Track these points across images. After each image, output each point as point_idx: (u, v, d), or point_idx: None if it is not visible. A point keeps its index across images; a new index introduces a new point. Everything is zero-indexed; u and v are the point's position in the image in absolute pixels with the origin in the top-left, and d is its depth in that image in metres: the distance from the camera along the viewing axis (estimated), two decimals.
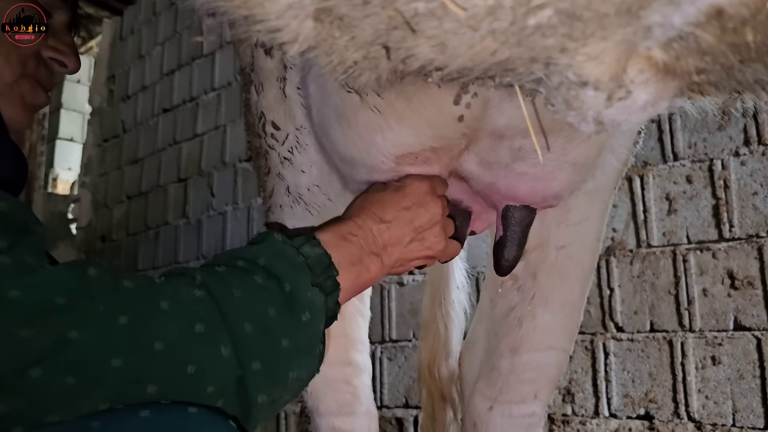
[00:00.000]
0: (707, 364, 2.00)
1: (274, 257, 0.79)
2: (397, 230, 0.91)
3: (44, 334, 0.59)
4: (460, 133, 0.89)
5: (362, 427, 1.25)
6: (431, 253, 0.96)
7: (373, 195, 0.95)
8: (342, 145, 0.95)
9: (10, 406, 0.58)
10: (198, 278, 0.72)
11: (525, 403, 1.20)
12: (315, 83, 0.96)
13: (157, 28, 4.49)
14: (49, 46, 1.05)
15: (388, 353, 2.79)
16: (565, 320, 1.20)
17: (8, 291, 0.59)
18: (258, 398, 0.71)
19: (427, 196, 0.94)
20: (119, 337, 0.62)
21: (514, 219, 1.02)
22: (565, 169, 0.96)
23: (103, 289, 0.65)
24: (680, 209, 2.12)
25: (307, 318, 0.76)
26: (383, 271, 0.91)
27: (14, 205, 0.69)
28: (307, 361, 0.78)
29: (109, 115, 4.88)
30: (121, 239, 4.48)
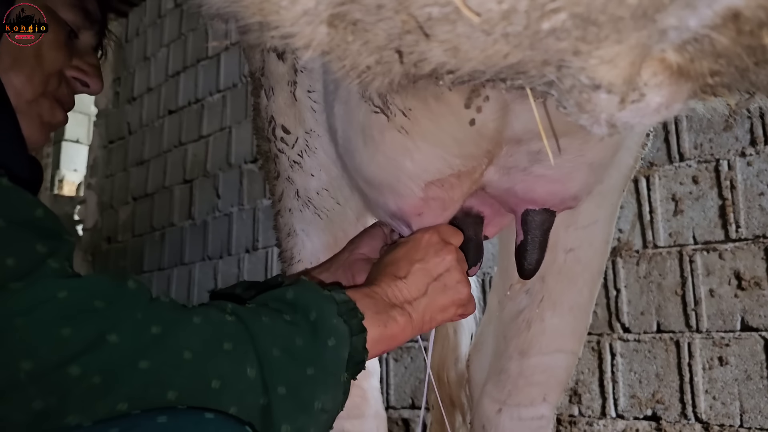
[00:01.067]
0: (714, 365, 2.00)
1: (302, 290, 0.81)
2: (414, 282, 0.92)
3: (83, 334, 0.61)
4: (484, 150, 0.89)
5: (371, 429, 1.25)
6: (458, 299, 0.95)
7: (385, 258, 0.96)
8: (368, 168, 0.95)
9: (44, 403, 0.59)
10: (229, 307, 0.74)
11: (534, 406, 1.20)
12: (341, 105, 0.96)
13: (162, 30, 4.50)
14: (73, 65, 1.04)
15: (394, 354, 2.79)
16: (574, 323, 1.19)
17: (58, 291, 0.62)
18: (282, 427, 0.71)
19: (438, 245, 0.95)
20: (150, 342, 0.64)
21: (534, 223, 1.01)
22: (582, 170, 0.95)
23: (141, 300, 0.67)
24: (686, 210, 2.12)
25: (333, 344, 0.77)
26: (414, 325, 0.90)
27: (48, 213, 0.71)
28: (333, 390, 0.78)
29: (115, 117, 4.89)
30: (126, 240, 4.49)
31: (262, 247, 3.44)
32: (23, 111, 0.96)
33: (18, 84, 0.95)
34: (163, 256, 4.13)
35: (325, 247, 1.14)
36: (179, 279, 3.96)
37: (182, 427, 0.61)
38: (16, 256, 0.63)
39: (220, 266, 3.69)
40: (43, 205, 0.71)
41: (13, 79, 0.94)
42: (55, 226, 0.71)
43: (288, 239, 1.17)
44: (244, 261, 3.53)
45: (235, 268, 3.58)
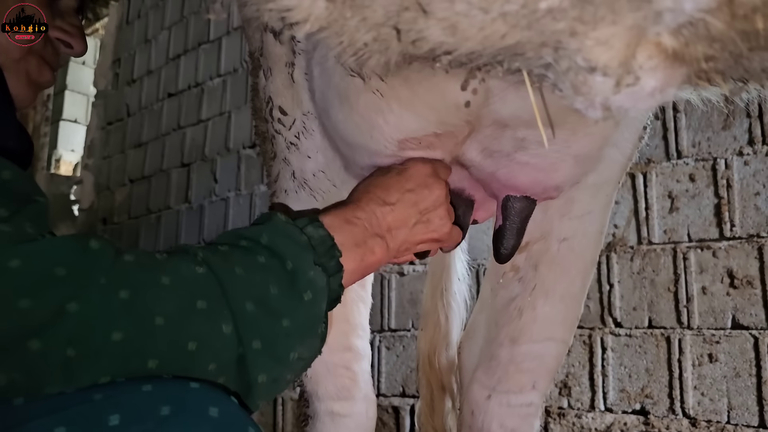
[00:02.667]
0: (704, 362, 2.01)
1: (277, 236, 0.78)
2: (401, 212, 0.91)
3: (43, 305, 0.58)
4: (463, 120, 0.88)
5: (360, 412, 1.25)
6: (436, 236, 0.95)
7: (376, 179, 0.95)
8: (344, 127, 0.95)
9: (8, 378, 0.57)
10: (200, 255, 0.71)
11: (523, 393, 1.21)
12: (319, 66, 0.96)
13: (164, 12, 4.48)
14: (56, 26, 1.05)
15: (386, 342, 2.80)
16: (565, 312, 1.20)
17: (8, 260, 0.59)
18: (258, 378, 0.70)
19: (431, 178, 0.94)
20: (119, 310, 0.62)
21: (513, 209, 1.02)
22: (567, 161, 0.96)
23: (105, 261, 0.64)
24: (682, 207, 2.13)
25: (309, 297, 0.76)
26: (388, 254, 0.90)
27: (17, 174, 0.68)
28: (309, 341, 0.77)
29: (114, 98, 4.87)
30: (122, 222, 4.49)
31: None
32: (11, 68, 0.96)
33: (3, 41, 0.95)
34: (158, 239, 4.13)
35: None
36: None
37: (167, 396, 0.60)
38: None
39: None
40: (10, 166, 0.68)
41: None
42: (24, 186, 0.68)
43: None
44: None
45: None
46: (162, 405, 0.58)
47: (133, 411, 0.57)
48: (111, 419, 0.56)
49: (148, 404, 0.58)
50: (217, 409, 0.61)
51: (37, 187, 0.71)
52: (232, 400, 0.65)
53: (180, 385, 0.62)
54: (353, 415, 1.25)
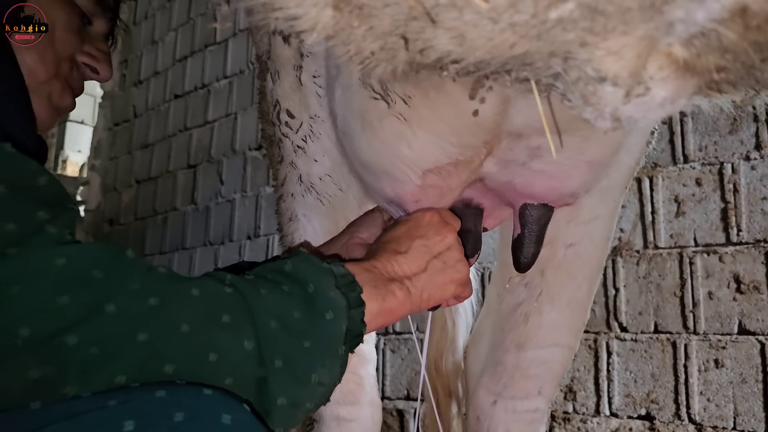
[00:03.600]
0: (710, 367, 2.00)
1: (300, 262, 0.81)
2: (414, 258, 0.92)
3: (81, 303, 0.61)
4: (482, 141, 0.89)
5: (366, 416, 1.25)
6: (458, 278, 0.96)
7: (385, 235, 0.97)
8: (366, 154, 0.96)
9: (41, 371, 0.59)
10: (228, 278, 0.74)
11: (529, 399, 1.20)
12: (341, 89, 0.96)
13: (171, 13, 4.49)
14: (84, 51, 1.06)
15: (391, 345, 2.80)
16: (572, 318, 1.20)
17: (56, 258, 0.62)
18: (278, 400, 0.71)
19: (439, 224, 0.96)
20: (148, 314, 0.64)
21: (531, 217, 1.02)
22: (581, 168, 0.95)
23: (139, 270, 0.67)
24: (688, 212, 2.12)
25: (330, 317, 0.77)
26: (412, 301, 0.90)
27: (53, 181, 0.71)
28: (330, 363, 0.78)
29: (121, 100, 4.89)
30: (129, 223, 4.50)
31: (264, 234, 3.44)
32: (35, 90, 0.96)
33: (31, 63, 0.95)
34: (164, 240, 4.14)
35: (327, 232, 1.14)
36: (180, 263, 3.96)
37: (180, 402, 0.60)
38: (16, 221, 0.63)
39: (221, 252, 3.69)
40: (47, 173, 0.71)
41: (27, 58, 0.94)
42: (59, 194, 0.71)
43: (289, 224, 1.17)
44: (246, 248, 3.54)
45: (236, 254, 3.58)
46: (176, 411, 0.59)
47: (147, 417, 0.58)
48: (126, 425, 0.56)
49: (162, 410, 0.59)
50: (230, 417, 0.61)
51: (68, 194, 0.73)
52: (244, 408, 0.65)
53: (193, 391, 0.63)
54: (358, 419, 1.24)
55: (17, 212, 0.64)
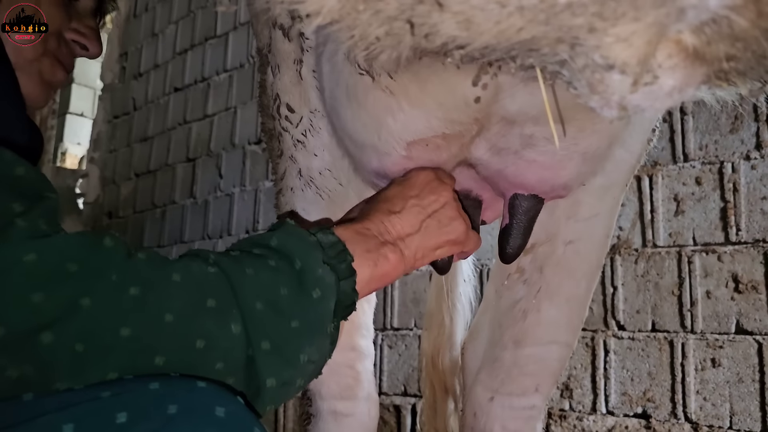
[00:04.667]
0: (707, 366, 2.01)
1: (286, 237, 0.78)
2: (408, 218, 0.90)
3: (56, 300, 0.59)
4: (471, 118, 0.88)
5: (363, 411, 1.25)
6: (452, 237, 0.94)
7: (379, 194, 0.95)
8: (352, 126, 0.95)
9: (20, 371, 0.58)
10: (211, 257, 0.72)
11: (526, 396, 1.20)
12: (328, 63, 0.95)
13: (171, 6, 4.47)
14: (72, 28, 1.05)
15: (388, 341, 2.80)
16: (570, 315, 1.20)
17: (24, 254, 0.59)
18: (267, 381, 0.70)
19: (434, 182, 0.94)
20: (130, 306, 0.62)
21: (521, 208, 1.00)
22: (574, 159, 0.94)
23: (117, 258, 0.64)
24: (688, 210, 2.12)
25: (318, 295, 0.76)
26: (405, 262, 0.89)
27: (30, 171, 0.69)
28: (318, 341, 0.77)
29: (120, 92, 4.87)
30: (127, 216, 4.49)
31: (263, 228, 3.44)
32: (24, 69, 0.96)
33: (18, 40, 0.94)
34: (163, 233, 4.13)
35: None
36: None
37: (174, 395, 0.60)
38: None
39: (219, 246, 3.69)
40: (24, 163, 0.69)
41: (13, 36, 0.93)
42: (36, 183, 0.69)
43: None
44: None
45: None
46: (169, 404, 0.59)
47: (141, 409, 0.57)
48: (119, 417, 0.56)
49: (155, 403, 0.59)
50: (223, 409, 0.61)
51: (48, 183, 0.71)
52: (238, 401, 0.65)
53: (187, 384, 0.63)
54: (356, 414, 1.24)
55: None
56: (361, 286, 0.82)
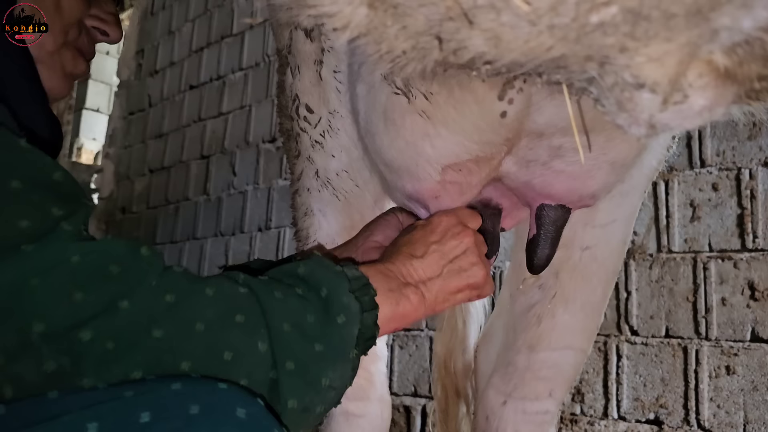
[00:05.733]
0: (721, 374, 1.99)
1: (314, 266, 0.81)
2: (430, 263, 0.92)
3: (97, 299, 0.62)
4: (503, 138, 0.88)
5: (375, 412, 1.25)
6: (472, 282, 0.95)
7: (402, 238, 0.97)
8: (388, 152, 0.95)
9: (57, 364, 0.60)
10: (242, 278, 0.75)
11: (539, 401, 1.20)
12: (364, 84, 0.96)
13: (188, 4, 4.49)
14: (91, 14, 1.05)
15: (399, 341, 2.80)
16: (585, 321, 1.19)
17: (71, 254, 0.62)
18: (289, 402, 0.71)
19: (456, 227, 0.95)
20: (164, 310, 0.65)
21: (548, 218, 1.00)
22: (603, 169, 0.94)
23: (155, 267, 0.68)
24: (704, 217, 2.10)
25: (342, 321, 0.77)
26: (426, 305, 0.90)
27: (67, 176, 0.71)
28: (341, 367, 0.78)
29: (136, 89, 4.90)
30: (141, 212, 4.52)
31: (275, 226, 3.45)
32: (45, 62, 0.96)
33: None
34: (176, 230, 4.15)
35: (342, 228, 1.14)
36: (191, 253, 3.98)
37: (196, 395, 0.61)
38: (31, 218, 0.63)
39: (232, 243, 3.70)
40: (62, 169, 0.71)
41: None
42: (73, 189, 0.71)
43: (304, 219, 1.17)
44: (256, 239, 3.54)
45: (246, 245, 3.59)
46: (191, 404, 0.60)
47: (163, 409, 0.59)
48: (142, 416, 0.57)
49: (178, 403, 0.60)
50: (244, 411, 0.62)
51: (82, 189, 0.73)
52: (258, 402, 0.66)
53: (209, 385, 0.64)
54: (368, 415, 1.24)
55: (32, 208, 0.64)
56: (382, 322, 0.83)
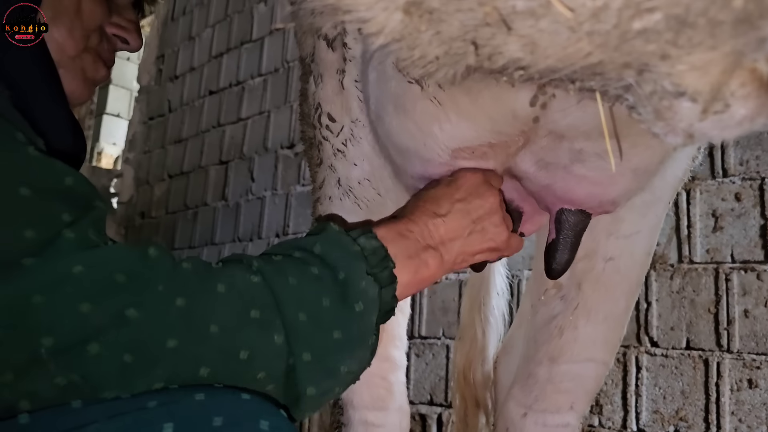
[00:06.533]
0: (743, 387, 1.96)
1: (330, 246, 0.79)
2: (453, 223, 0.89)
3: (103, 311, 0.60)
4: (518, 130, 0.87)
5: (394, 422, 1.25)
6: (494, 245, 0.93)
7: (426, 192, 0.94)
8: (397, 134, 0.94)
9: (67, 379, 0.59)
10: (255, 264, 0.73)
11: (560, 413, 1.18)
12: (375, 71, 0.95)
13: (208, 10, 4.53)
14: (112, 22, 1.05)
15: (416, 349, 2.79)
16: (608, 333, 1.18)
17: (73, 266, 0.61)
18: (307, 390, 0.71)
19: (482, 186, 0.93)
20: (176, 318, 0.63)
21: (568, 223, 0.99)
22: (625, 175, 0.92)
23: (163, 269, 0.66)
24: (726, 227, 2.07)
25: (360, 309, 0.76)
26: (444, 267, 0.88)
27: (79, 180, 0.70)
28: (359, 353, 0.77)
29: (156, 94, 4.94)
30: (160, 217, 4.55)
31: (293, 232, 3.45)
32: (67, 66, 0.96)
33: (59, 38, 0.94)
34: (194, 235, 4.17)
35: None
36: (209, 258, 3.97)
37: (219, 406, 0.61)
38: (36, 227, 0.62)
39: (249, 249, 3.71)
40: (73, 173, 0.70)
41: (54, 33, 0.93)
42: (86, 192, 0.70)
43: None
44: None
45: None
46: (214, 416, 0.59)
47: (187, 421, 0.58)
48: (165, 427, 0.57)
49: (201, 414, 0.59)
50: (267, 423, 0.62)
51: (96, 191, 0.72)
52: (281, 414, 0.66)
53: (232, 395, 0.63)
54: (387, 425, 1.24)
55: (38, 217, 0.63)
56: (400, 290, 0.82)
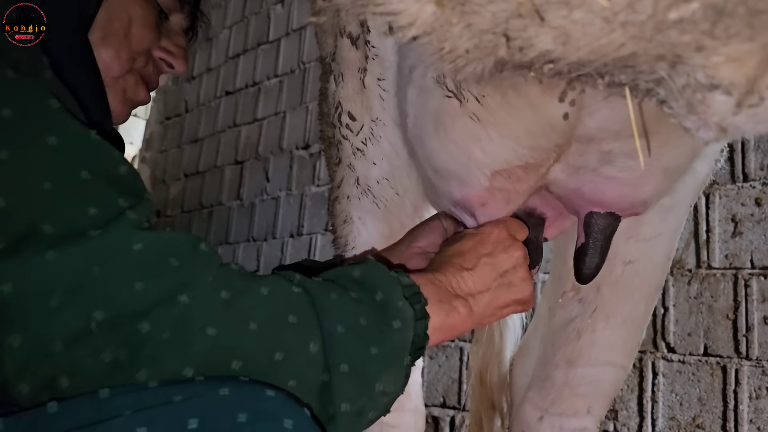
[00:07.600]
0: (762, 395, 1.93)
1: (369, 270, 0.81)
2: (480, 276, 0.90)
3: (156, 290, 0.62)
4: (554, 144, 0.86)
5: (409, 423, 1.24)
6: (520, 297, 0.94)
7: (451, 247, 0.95)
8: (437, 156, 0.94)
9: (113, 355, 0.60)
10: (296, 278, 0.75)
11: (577, 417, 1.17)
12: (415, 88, 0.94)
13: (225, 11, 4.55)
14: (161, 46, 1.06)
15: (429, 351, 2.78)
16: (626, 337, 1.17)
17: (134, 243, 0.63)
18: (342, 406, 0.71)
19: (507, 240, 0.94)
20: (220, 308, 0.65)
21: (597, 226, 0.97)
22: (656, 174, 0.91)
23: (212, 262, 0.68)
24: (746, 232, 2.05)
25: (398, 326, 0.76)
26: (473, 318, 0.89)
27: (132, 171, 0.73)
28: (395, 372, 0.77)
29: (173, 94, 4.97)
30: (175, 215, 4.57)
31: (307, 233, 3.46)
32: (109, 85, 0.97)
33: (106, 59, 0.96)
34: (209, 234, 4.19)
35: (381, 236, 1.13)
36: (223, 257, 3.99)
37: (244, 402, 0.61)
38: (99, 205, 0.64)
39: (264, 248, 3.72)
40: (128, 163, 0.73)
41: (102, 54, 0.95)
42: (137, 184, 0.72)
43: (344, 226, 1.16)
44: (288, 245, 3.55)
45: (278, 251, 3.60)
46: (239, 412, 0.59)
47: (211, 416, 0.59)
48: (190, 422, 0.57)
49: (226, 410, 0.60)
50: (291, 421, 0.61)
51: (144, 185, 0.74)
52: (305, 412, 0.65)
53: (257, 392, 0.63)
54: (402, 426, 1.23)
55: (99, 197, 0.66)
56: (431, 332, 0.82)
